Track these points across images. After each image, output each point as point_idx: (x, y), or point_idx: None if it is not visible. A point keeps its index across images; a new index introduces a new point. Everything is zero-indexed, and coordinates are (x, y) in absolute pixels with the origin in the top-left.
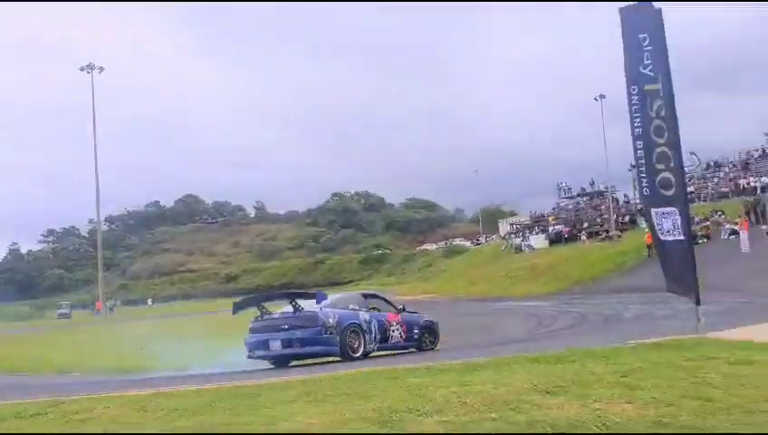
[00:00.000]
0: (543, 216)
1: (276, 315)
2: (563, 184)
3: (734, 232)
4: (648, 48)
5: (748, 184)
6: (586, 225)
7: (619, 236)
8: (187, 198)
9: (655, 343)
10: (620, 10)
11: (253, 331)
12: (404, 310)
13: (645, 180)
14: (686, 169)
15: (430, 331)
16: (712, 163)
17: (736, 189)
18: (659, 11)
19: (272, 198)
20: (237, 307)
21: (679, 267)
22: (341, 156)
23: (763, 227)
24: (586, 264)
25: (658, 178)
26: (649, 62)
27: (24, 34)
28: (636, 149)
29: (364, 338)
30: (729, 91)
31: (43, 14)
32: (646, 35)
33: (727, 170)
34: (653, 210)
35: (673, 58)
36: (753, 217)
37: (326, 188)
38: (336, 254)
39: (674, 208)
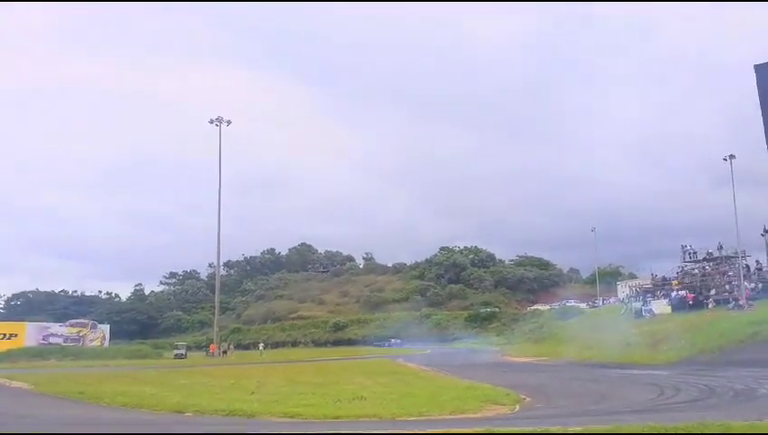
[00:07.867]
0: (666, 280)
1: None
2: (688, 247)
3: None
4: None
5: None
6: (713, 291)
7: (751, 305)
8: (300, 247)
9: None
10: (756, 67)
11: None
12: None
13: None
14: None
15: None
16: None
17: None
18: None
19: (380, 250)
20: None
21: None
22: (451, 211)
23: None
24: (713, 333)
25: None
26: None
27: (153, 86)
28: None
29: None
30: None
31: (176, 68)
32: None
33: None
34: None
35: None
36: None
37: (434, 242)
38: (442, 309)
39: None
